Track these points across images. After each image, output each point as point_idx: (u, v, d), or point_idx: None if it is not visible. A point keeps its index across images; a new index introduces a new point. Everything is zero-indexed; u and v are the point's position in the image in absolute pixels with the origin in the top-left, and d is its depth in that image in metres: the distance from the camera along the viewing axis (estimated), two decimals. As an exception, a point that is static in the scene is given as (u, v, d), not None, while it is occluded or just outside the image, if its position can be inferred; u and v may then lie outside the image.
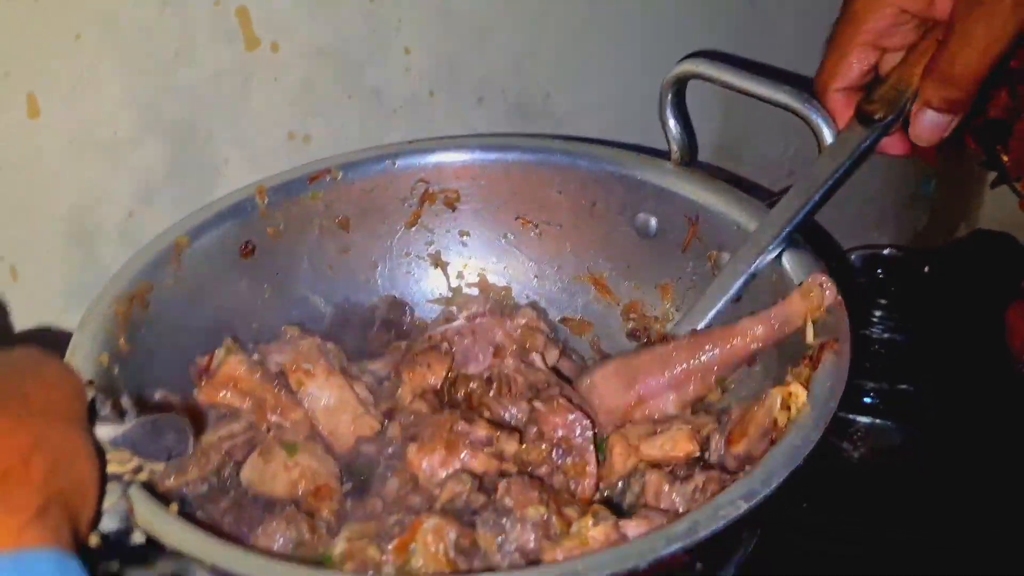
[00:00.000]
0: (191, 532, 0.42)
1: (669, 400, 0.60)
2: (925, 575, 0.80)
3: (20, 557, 0.30)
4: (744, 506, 0.43)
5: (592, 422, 0.57)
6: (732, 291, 0.61)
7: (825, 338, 0.53)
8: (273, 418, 0.56)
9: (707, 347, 0.59)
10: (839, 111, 0.63)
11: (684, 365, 0.59)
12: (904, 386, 0.95)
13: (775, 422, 0.51)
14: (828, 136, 0.63)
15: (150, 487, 0.44)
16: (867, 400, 0.94)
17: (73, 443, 0.35)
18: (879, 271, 1.00)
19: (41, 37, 0.60)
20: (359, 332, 0.69)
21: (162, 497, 0.45)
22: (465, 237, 0.75)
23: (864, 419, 0.95)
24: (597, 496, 0.56)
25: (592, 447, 0.56)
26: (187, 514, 0.46)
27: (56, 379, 0.36)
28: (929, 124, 0.61)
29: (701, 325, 0.61)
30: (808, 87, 0.65)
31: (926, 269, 1.02)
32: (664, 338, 0.63)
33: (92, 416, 0.38)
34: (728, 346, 0.58)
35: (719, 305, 0.61)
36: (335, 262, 0.71)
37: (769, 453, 0.46)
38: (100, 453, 0.37)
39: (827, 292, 0.56)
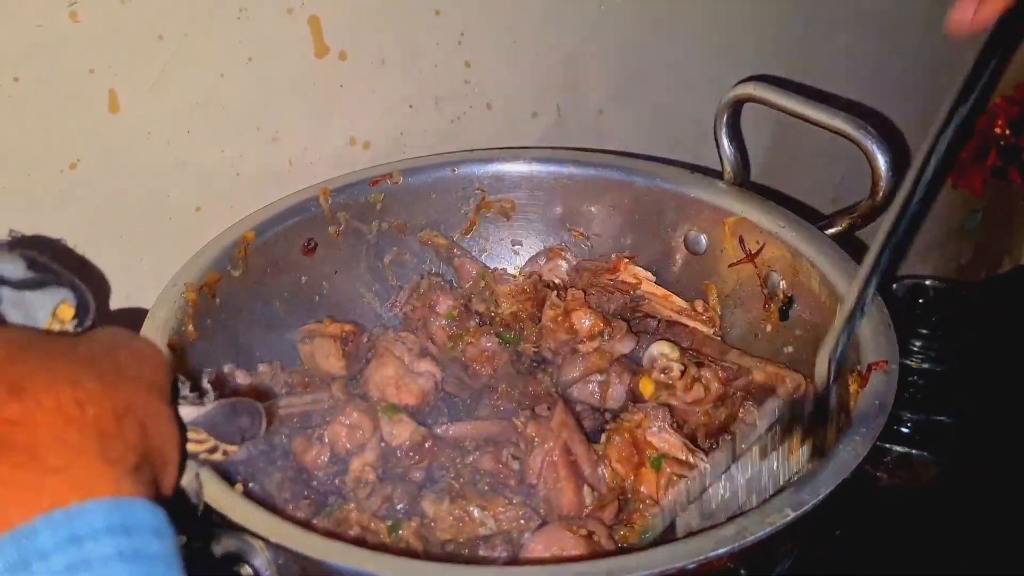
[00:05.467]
0: (256, 510, 0.44)
1: None
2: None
3: (121, 502, 0.31)
4: (791, 514, 0.44)
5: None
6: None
7: (875, 359, 0.54)
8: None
9: None
10: None
11: None
12: (940, 417, 0.95)
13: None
14: (882, 163, 0.63)
15: (216, 467, 0.45)
16: (903, 430, 0.94)
17: (160, 411, 0.37)
18: (921, 301, 1.00)
19: (125, 37, 0.62)
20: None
21: (226, 477, 0.47)
22: (517, 247, 0.77)
23: (900, 448, 0.95)
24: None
25: None
26: (251, 494, 0.48)
27: (144, 354, 0.38)
28: None
29: None
30: (859, 114, 0.66)
31: (968, 301, 1.02)
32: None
33: (175, 396, 0.40)
34: None
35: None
36: (391, 264, 0.74)
37: (818, 465, 0.47)
38: (182, 428, 0.39)
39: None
